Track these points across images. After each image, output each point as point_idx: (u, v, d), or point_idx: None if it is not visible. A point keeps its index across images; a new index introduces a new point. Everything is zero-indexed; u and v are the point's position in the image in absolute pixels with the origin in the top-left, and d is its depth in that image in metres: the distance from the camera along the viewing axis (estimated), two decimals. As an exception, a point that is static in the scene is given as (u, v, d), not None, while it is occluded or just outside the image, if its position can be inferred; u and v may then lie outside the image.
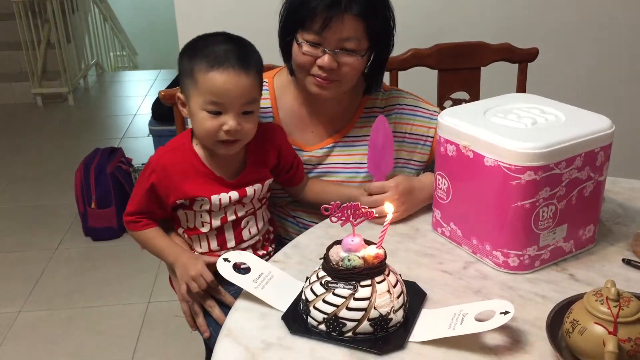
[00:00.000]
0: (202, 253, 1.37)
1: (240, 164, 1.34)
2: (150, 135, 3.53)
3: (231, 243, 1.37)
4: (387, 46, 1.43)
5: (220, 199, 1.30)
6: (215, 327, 1.31)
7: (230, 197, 1.31)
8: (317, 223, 1.40)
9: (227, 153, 1.29)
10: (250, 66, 1.23)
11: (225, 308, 1.25)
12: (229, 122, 1.22)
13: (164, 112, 3.30)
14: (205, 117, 1.23)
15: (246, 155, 1.34)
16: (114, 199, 3.00)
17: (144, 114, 4.71)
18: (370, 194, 1.36)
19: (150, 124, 3.52)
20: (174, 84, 3.51)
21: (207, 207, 1.31)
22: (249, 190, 1.33)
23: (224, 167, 1.32)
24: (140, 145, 4.20)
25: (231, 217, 1.34)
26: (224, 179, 1.31)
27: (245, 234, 1.38)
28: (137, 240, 1.39)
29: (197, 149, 1.32)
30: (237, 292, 1.13)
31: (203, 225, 1.34)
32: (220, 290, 1.30)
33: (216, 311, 1.31)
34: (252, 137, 1.30)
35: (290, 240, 1.32)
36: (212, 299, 1.31)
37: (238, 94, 1.22)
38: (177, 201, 1.31)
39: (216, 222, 1.34)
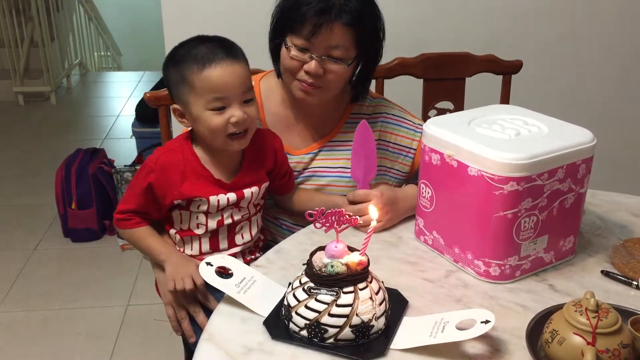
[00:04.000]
0: (192, 255, 1.36)
1: (239, 166, 1.35)
2: (134, 137, 3.50)
3: (224, 246, 1.36)
4: (375, 56, 1.44)
5: (218, 200, 1.30)
6: (198, 332, 1.30)
7: (228, 198, 1.31)
8: (301, 226, 1.39)
9: (240, 148, 1.30)
10: (238, 55, 1.26)
11: (210, 314, 1.25)
12: (235, 112, 1.24)
13: (148, 114, 3.28)
14: (211, 115, 1.24)
15: (244, 158, 1.35)
16: (95, 200, 2.98)
17: (127, 115, 4.68)
18: (354, 201, 1.36)
19: (133, 125, 3.50)
20: (159, 85, 3.49)
21: (204, 207, 1.31)
22: (247, 192, 1.33)
23: (223, 170, 1.32)
24: (122, 147, 4.16)
25: (227, 221, 1.34)
26: (223, 180, 1.32)
27: (238, 239, 1.37)
28: (127, 239, 1.38)
29: (197, 150, 1.32)
30: (221, 299, 1.13)
31: (198, 227, 1.34)
32: (208, 296, 1.29)
33: (200, 317, 1.30)
34: (256, 128, 1.31)
35: (275, 243, 1.32)
36: (198, 305, 1.31)
37: (236, 83, 1.24)
38: (174, 201, 1.30)
39: (212, 225, 1.33)
